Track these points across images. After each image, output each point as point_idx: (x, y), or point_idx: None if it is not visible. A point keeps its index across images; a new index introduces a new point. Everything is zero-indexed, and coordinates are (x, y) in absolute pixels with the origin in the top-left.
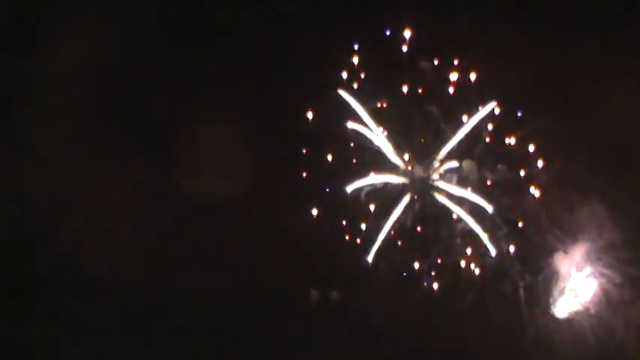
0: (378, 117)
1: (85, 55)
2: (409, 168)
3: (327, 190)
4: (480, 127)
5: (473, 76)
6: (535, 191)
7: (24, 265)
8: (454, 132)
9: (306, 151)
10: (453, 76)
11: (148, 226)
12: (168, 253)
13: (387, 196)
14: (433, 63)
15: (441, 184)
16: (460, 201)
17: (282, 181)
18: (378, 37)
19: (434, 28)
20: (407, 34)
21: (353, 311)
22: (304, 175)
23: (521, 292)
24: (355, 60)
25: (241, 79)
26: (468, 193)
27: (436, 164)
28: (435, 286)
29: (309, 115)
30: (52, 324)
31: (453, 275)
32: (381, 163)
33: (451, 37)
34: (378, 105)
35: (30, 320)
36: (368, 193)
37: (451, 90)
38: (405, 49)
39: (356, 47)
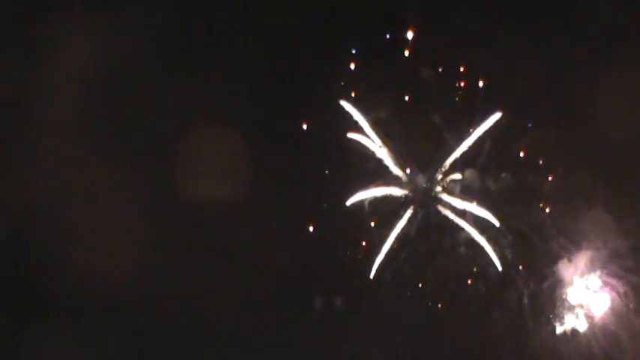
0: (380, 126)
1: (86, 58)
2: (411, 180)
3: (325, 205)
4: (483, 137)
5: (476, 85)
6: (539, 200)
7: (24, 267)
8: (457, 142)
9: (306, 162)
10: (457, 85)
11: (149, 228)
12: (170, 256)
13: (389, 209)
14: (436, 70)
15: (445, 197)
16: (464, 211)
17: (280, 191)
18: (379, 43)
19: (436, 35)
20: (409, 35)
21: (354, 323)
22: (304, 185)
23: (525, 302)
24: (356, 67)
25: (243, 87)
26: (473, 207)
27: (439, 176)
28: (440, 304)
29: (311, 124)
30: (52, 325)
31: (457, 288)
32: (382, 175)
33: (454, 45)
34: (380, 115)
35: (30, 321)
36: (369, 206)
37: (455, 98)
38: (407, 53)
39: (357, 55)
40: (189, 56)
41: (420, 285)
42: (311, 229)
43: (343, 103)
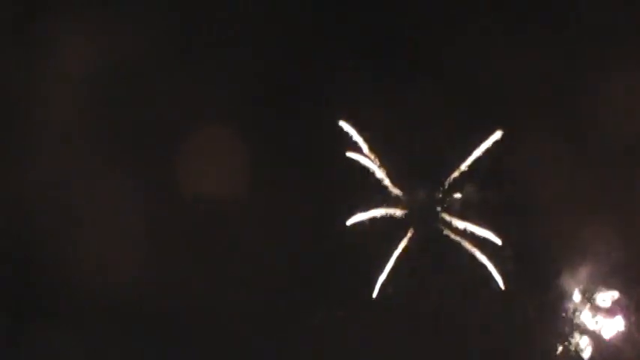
0: (379, 145)
1: (86, 58)
2: (411, 199)
3: (325, 225)
4: (483, 155)
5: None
6: (541, 215)
7: (24, 267)
8: (457, 160)
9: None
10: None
11: (148, 228)
12: (169, 256)
13: (389, 228)
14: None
15: (445, 216)
16: (464, 230)
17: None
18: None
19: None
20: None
21: (357, 342)
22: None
23: (528, 319)
24: (355, 86)
25: (244, 91)
26: (473, 226)
27: (439, 195)
28: (442, 323)
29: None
30: (52, 325)
31: (459, 306)
32: (382, 194)
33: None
34: (378, 134)
35: (30, 321)
36: (370, 225)
37: (455, 116)
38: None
39: (355, 74)
40: (189, 57)
41: (423, 304)
42: (312, 248)
43: (342, 123)
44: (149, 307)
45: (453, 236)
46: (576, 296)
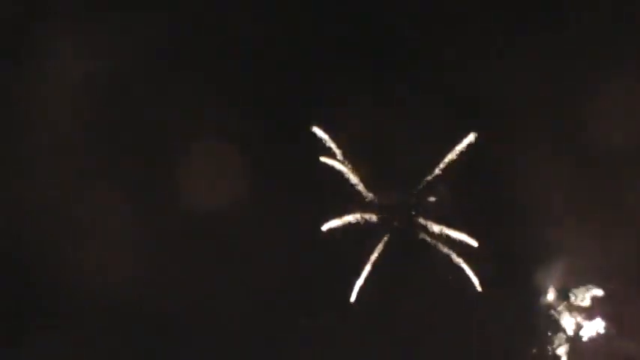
0: (353, 150)
1: (87, 67)
2: (386, 203)
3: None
4: (458, 157)
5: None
6: (517, 216)
7: (24, 267)
8: (432, 163)
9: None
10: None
11: (148, 230)
12: (169, 259)
13: (365, 233)
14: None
15: (421, 219)
16: (440, 233)
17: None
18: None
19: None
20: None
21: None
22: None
23: (505, 322)
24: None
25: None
26: (449, 229)
27: (414, 199)
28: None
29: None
30: (52, 325)
31: (436, 309)
32: (357, 199)
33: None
34: (353, 138)
35: (30, 321)
36: (346, 230)
37: (429, 120)
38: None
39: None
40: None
41: (400, 307)
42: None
43: (316, 129)
44: (149, 307)
45: (429, 239)
46: (552, 296)
